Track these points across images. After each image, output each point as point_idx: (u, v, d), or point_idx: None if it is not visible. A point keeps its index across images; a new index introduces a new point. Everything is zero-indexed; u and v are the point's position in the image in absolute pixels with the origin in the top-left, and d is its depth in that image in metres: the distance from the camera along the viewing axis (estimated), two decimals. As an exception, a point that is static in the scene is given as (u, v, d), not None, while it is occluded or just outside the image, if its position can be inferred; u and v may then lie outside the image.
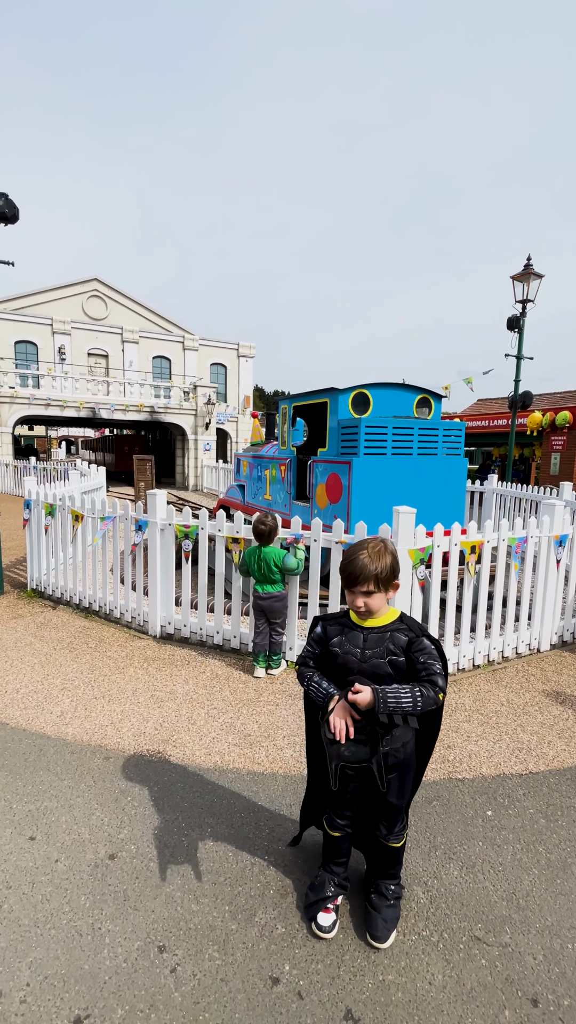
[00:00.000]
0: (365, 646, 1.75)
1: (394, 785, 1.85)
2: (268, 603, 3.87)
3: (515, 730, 3.26)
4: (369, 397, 6.04)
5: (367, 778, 1.84)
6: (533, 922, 1.97)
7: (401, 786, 1.86)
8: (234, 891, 2.04)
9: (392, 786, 1.84)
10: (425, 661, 1.67)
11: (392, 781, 1.84)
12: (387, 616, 1.77)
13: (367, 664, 1.74)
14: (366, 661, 1.74)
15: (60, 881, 2.07)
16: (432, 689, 1.64)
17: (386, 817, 1.89)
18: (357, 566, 1.69)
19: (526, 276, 9.69)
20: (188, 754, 2.91)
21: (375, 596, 1.71)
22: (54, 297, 28.76)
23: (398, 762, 1.81)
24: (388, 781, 1.84)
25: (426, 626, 3.59)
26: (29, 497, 5.90)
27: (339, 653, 1.78)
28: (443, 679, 1.66)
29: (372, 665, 1.73)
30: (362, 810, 1.97)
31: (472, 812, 2.52)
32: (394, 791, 1.85)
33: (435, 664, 1.67)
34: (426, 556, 3.67)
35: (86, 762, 2.82)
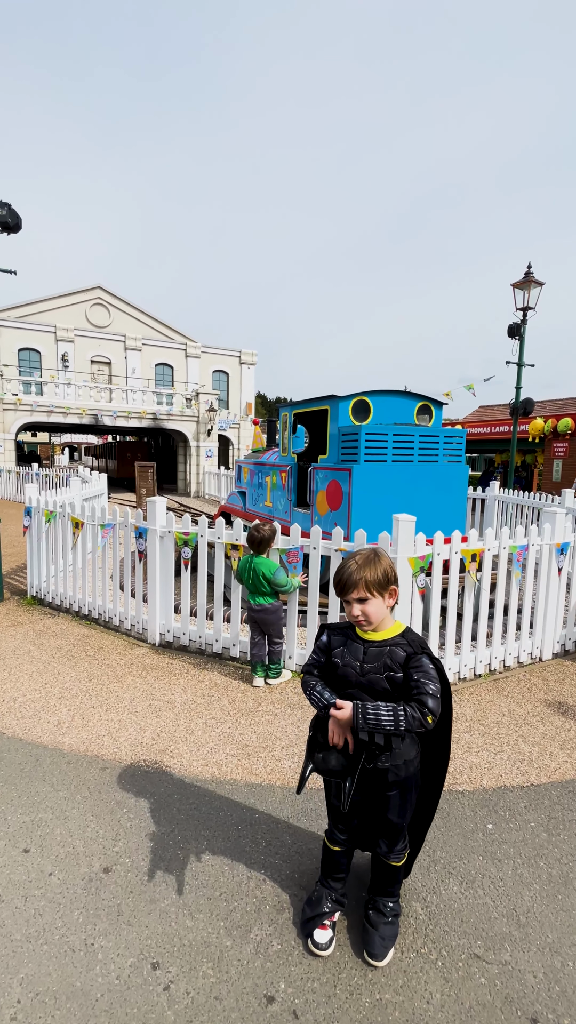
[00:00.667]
0: (364, 660, 1.73)
1: (395, 803, 1.81)
2: (259, 615, 3.82)
3: (516, 741, 3.22)
4: (369, 404, 6.05)
5: (367, 792, 1.82)
6: (534, 939, 1.93)
7: (402, 804, 1.83)
8: (230, 906, 2.01)
9: (392, 804, 1.81)
10: (418, 680, 1.63)
11: (393, 799, 1.81)
12: (390, 630, 1.75)
13: (365, 678, 1.71)
14: (364, 675, 1.72)
15: (53, 895, 2.04)
16: (419, 710, 1.56)
17: (386, 835, 1.86)
18: (345, 573, 1.69)
19: (527, 284, 9.72)
20: (185, 765, 2.89)
21: (371, 603, 1.68)
22: (57, 305, 28.98)
23: (399, 779, 1.78)
24: (388, 798, 1.81)
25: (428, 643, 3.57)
26: (29, 504, 5.91)
27: (339, 664, 1.76)
28: (434, 700, 1.58)
29: (370, 680, 1.71)
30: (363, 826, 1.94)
31: (472, 826, 2.49)
32: (395, 809, 1.82)
33: (428, 684, 1.60)
34: (426, 564, 3.64)
35: (82, 773, 2.79)
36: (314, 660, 1.85)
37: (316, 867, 2.13)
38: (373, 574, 1.66)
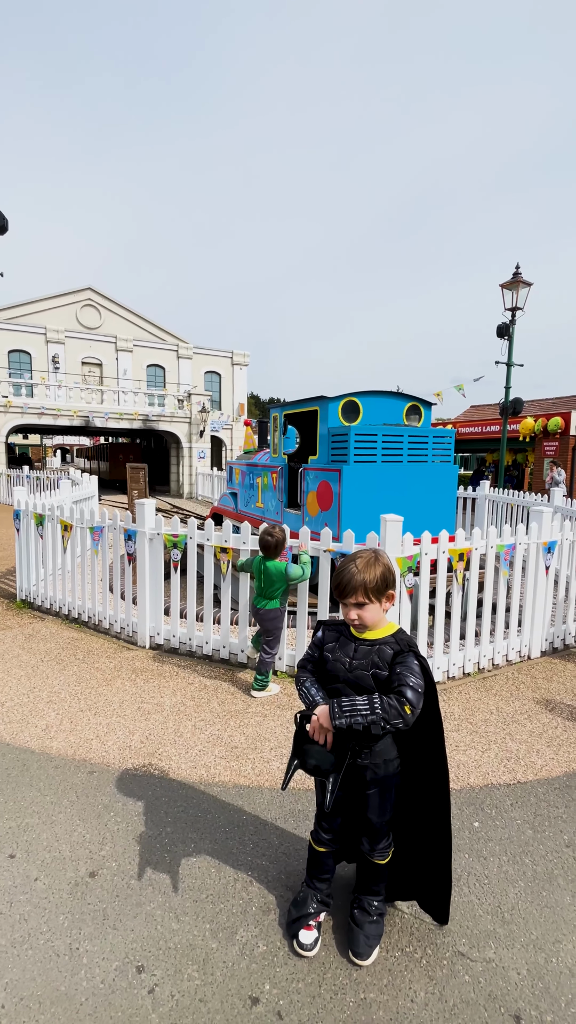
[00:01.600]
0: (354, 656, 1.74)
1: (374, 802, 1.83)
2: (264, 617, 3.73)
3: (504, 739, 3.25)
4: (359, 405, 6.07)
5: (348, 792, 1.83)
6: (518, 936, 1.95)
7: (381, 803, 1.84)
8: (216, 908, 2.01)
9: (372, 803, 1.83)
10: (400, 672, 1.65)
11: (372, 798, 1.82)
12: (383, 631, 1.76)
13: (352, 674, 1.72)
14: (351, 671, 1.73)
15: (39, 900, 2.04)
16: (397, 699, 1.58)
17: (368, 834, 1.87)
18: (345, 576, 1.68)
19: (515, 284, 9.79)
20: (174, 767, 2.88)
21: (368, 608, 1.69)
22: (48, 306, 28.81)
23: (377, 778, 1.79)
24: (367, 797, 1.82)
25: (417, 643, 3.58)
26: (18, 507, 5.87)
27: (329, 659, 1.77)
28: (414, 693, 1.59)
29: (356, 676, 1.72)
30: (348, 824, 1.95)
31: (459, 824, 2.50)
32: (375, 808, 1.83)
33: (409, 677, 1.62)
34: (414, 564, 3.66)
35: (70, 777, 2.78)
36: (309, 655, 1.87)
37: (303, 868, 2.13)
38: (373, 580, 1.67)
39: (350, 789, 1.82)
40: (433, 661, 3.94)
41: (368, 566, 1.68)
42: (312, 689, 1.76)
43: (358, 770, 1.77)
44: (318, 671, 1.84)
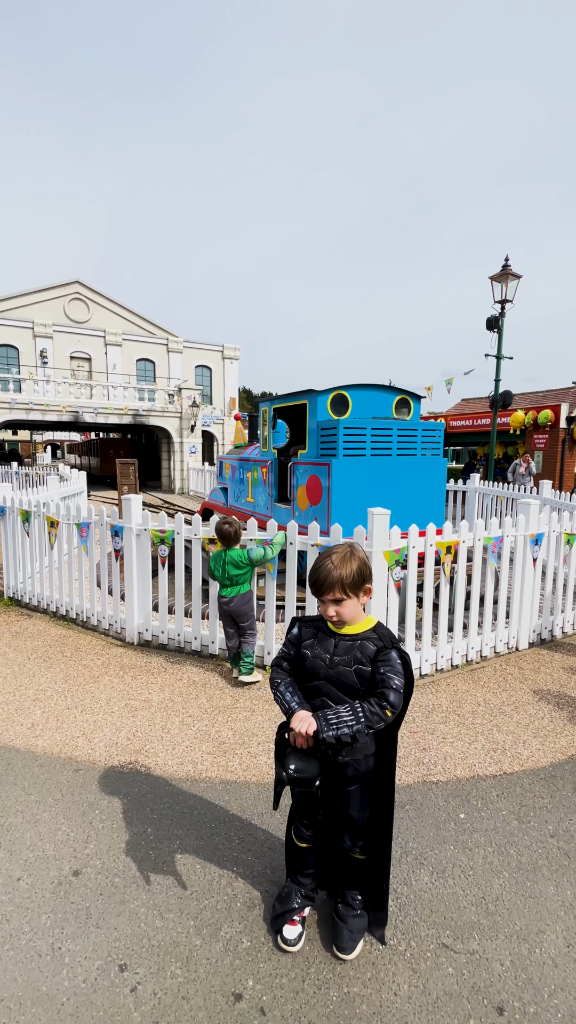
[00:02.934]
0: (334, 653, 1.72)
1: (355, 798, 1.82)
2: (234, 607, 3.82)
3: (491, 730, 3.26)
4: (348, 398, 6.04)
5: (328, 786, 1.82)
6: (502, 927, 1.95)
7: (362, 799, 1.84)
8: (200, 905, 2.00)
9: (353, 799, 1.82)
10: (384, 673, 1.64)
11: (353, 794, 1.81)
12: (362, 625, 1.75)
13: (333, 671, 1.71)
14: (333, 668, 1.71)
15: (21, 900, 2.02)
16: (378, 705, 1.58)
17: (349, 830, 1.87)
18: (322, 573, 1.66)
19: (504, 276, 9.77)
20: (160, 764, 2.87)
21: (346, 604, 1.67)
22: (35, 300, 28.44)
23: (358, 774, 1.79)
24: (348, 794, 1.82)
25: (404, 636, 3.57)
26: (4, 504, 5.80)
27: (308, 656, 1.75)
28: (396, 695, 1.60)
29: (338, 673, 1.70)
30: (328, 820, 1.95)
31: (445, 816, 2.51)
32: (355, 804, 1.83)
33: (393, 679, 1.61)
34: (402, 557, 3.66)
35: (55, 775, 2.76)
36: (284, 653, 1.84)
37: (288, 863, 2.12)
38: (350, 575, 1.64)
39: (330, 785, 1.82)
40: (421, 654, 3.94)
41: (344, 561, 1.66)
42: (287, 694, 1.73)
43: (338, 767, 1.76)
44: (295, 669, 1.81)
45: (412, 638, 3.86)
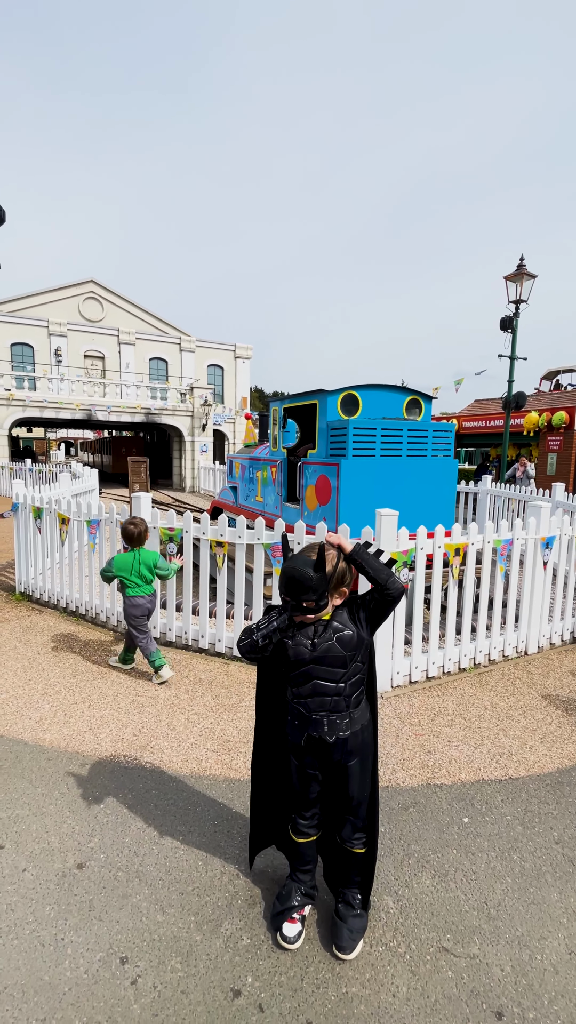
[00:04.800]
0: (315, 636, 1.73)
1: (355, 772, 1.82)
2: (154, 604, 4.00)
3: (497, 735, 3.24)
4: (358, 398, 6.03)
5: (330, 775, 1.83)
6: (503, 932, 1.94)
7: (362, 774, 1.84)
8: (202, 901, 2.02)
9: (352, 774, 1.82)
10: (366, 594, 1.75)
11: (352, 768, 1.82)
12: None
13: (318, 651, 1.71)
14: (317, 648, 1.72)
15: (26, 891, 2.05)
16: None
17: (350, 812, 1.86)
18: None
19: (519, 276, 9.67)
20: (165, 760, 2.89)
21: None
22: (50, 299, 28.74)
23: (358, 745, 1.80)
24: (348, 769, 1.82)
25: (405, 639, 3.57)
26: (16, 500, 5.88)
27: (290, 645, 1.75)
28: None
29: (323, 651, 1.71)
30: (326, 812, 1.95)
31: (448, 819, 2.50)
32: (355, 778, 1.83)
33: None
34: (409, 559, 3.64)
35: (61, 769, 2.79)
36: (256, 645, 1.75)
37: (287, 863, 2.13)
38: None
39: (326, 770, 1.83)
40: (428, 656, 3.92)
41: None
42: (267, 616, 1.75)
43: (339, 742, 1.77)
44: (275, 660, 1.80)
45: (419, 640, 3.84)
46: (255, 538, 4.05)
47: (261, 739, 2.03)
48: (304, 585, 1.61)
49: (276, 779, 2.03)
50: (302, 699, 1.77)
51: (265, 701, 2.01)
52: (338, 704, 1.75)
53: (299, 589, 1.62)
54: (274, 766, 2.02)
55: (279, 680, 1.90)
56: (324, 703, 1.74)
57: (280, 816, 2.06)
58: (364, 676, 1.81)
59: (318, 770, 1.83)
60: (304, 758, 1.83)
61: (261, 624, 1.73)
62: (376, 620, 1.75)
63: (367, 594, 1.74)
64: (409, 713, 3.45)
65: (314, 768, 1.83)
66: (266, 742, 2.02)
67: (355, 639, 1.72)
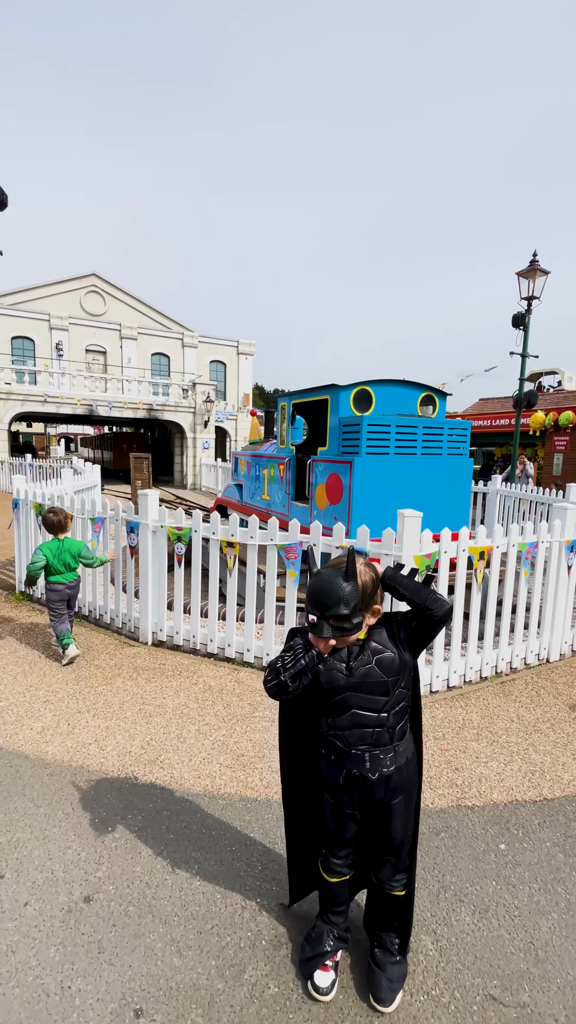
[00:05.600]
0: (350, 659, 1.53)
1: (398, 810, 1.63)
2: (73, 590, 4.19)
3: (527, 750, 3.05)
4: (371, 394, 5.83)
5: (371, 814, 1.64)
6: (554, 977, 1.76)
7: (406, 812, 1.66)
8: (222, 942, 1.83)
9: (396, 812, 1.63)
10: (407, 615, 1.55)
11: (396, 807, 1.63)
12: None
13: (355, 676, 1.52)
14: (353, 673, 1.52)
15: (28, 929, 1.86)
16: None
17: (391, 853, 1.68)
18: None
19: (532, 272, 9.46)
20: (176, 777, 2.70)
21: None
22: (51, 292, 28.48)
23: (404, 780, 1.61)
24: (391, 808, 1.63)
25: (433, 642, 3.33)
26: (17, 496, 5.68)
27: (322, 671, 1.55)
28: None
29: (361, 676, 1.52)
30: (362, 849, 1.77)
31: (484, 846, 2.32)
32: (399, 818, 1.64)
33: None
34: (432, 563, 3.45)
35: (66, 786, 2.61)
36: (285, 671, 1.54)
37: (315, 896, 1.95)
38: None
39: (366, 809, 1.64)
40: (450, 664, 3.74)
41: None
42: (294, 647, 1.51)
43: (382, 780, 1.58)
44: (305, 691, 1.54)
45: (441, 647, 3.66)
46: (268, 539, 3.86)
47: (290, 773, 1.84)
48: (335, 598, 1.40)
49: (309, 814, 1.84)
50: (339, 731, 1.58)
51: (292, 729, 1.81)
52: (381, 737, 1.55)
53: (329, 603, 1.40)
54: (306, 800, 1.83)
55: (309, 707, 1.70)
56: (365, 736, 1.55)
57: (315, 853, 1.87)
58: (408, 704, 1.61)
59: (357, 809, 1.64)
60: (341, 796, 1.64)
61: (287, 661, 1.49)
62: (420, 642, 1.55)
63: (408, 612, 1.54)
64: (433, 726, 3.27)
65: (352, 807, 1.64)
66: (296, 775, 1.83)
67: (397, 662, 1.52)
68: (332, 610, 1.40)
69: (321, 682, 1.55)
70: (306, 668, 1.48)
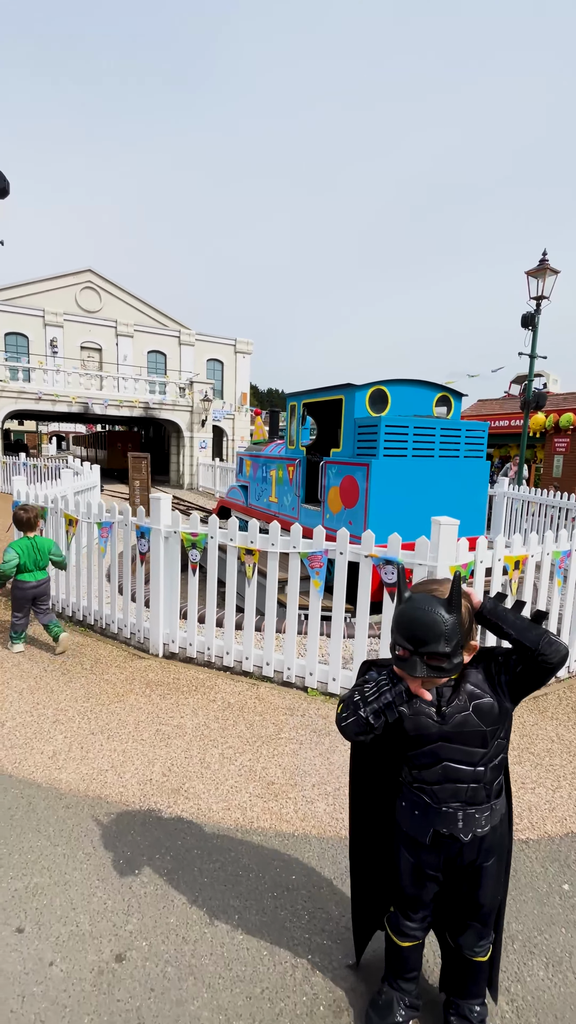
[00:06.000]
0: (442, 701, 1.34)
1: (489, 875, 1.45)
2: (43, 588, 4.22)
3: (573, 775, 2.88)
4: (387, 394, 5.65)
5: (457, 877, 1.45)
6: None
7: (497, 875, 1.47)
8: (275, 1009, 1.63)
9: (487, 876, 1.45)
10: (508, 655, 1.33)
11: (487, 871, 1.44)
12: None
13: (448, 725, 1.33)
14: (447, 720, 1.33)
15: (56, 994, 1.65)
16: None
17: (476, 919, 1.49)
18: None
19: (541, 271, 9.33)
20: (203, 808, 2.49)
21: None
22: (46, 288, 28.03)
23: (498, 840, 1.43)
24: (482, 871, 1.44)
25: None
26: (18, 498, 5.43)
27: (407, 715, 1.36)
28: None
29: (456, 724, 1.32)
30: (440, 911, 1.57)
31: (546, 887, 2.13)
32: (489, 882, 1.45)
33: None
34: (468, 574, 3.27)
35: (84, 820, 2.39)
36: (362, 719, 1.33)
37: (374, 949, 1.75)
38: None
39: (452, 872, 1.45)
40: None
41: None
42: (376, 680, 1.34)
43: (475, 841, 1.38)
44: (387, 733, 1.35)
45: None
46: (290, 546, 3.66)
47: (360, 819, 1.64)
48: (435, 632, 1.19)
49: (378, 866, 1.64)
50: (427, 785, 1.38)
51: (364, 772, 1.62)
52: (476, 794, 1.36)
53: (426, 637, 1.19)
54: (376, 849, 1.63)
55: (386, 749, 1.51)
56: (458, 792, 1.36)
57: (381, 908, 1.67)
58: (506, 756, 1.42)
59: (441, 871, 1.45)
60: (424, 855, 1.44)
61: (368, 693, 1.30)
62: (524, 689, 1.32)
63: (510, 653, 1.34)
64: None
65: (436, 869, 1.44)
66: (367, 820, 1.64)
67: (497, 709, 1.32)
68: (430, 646, 1.20)
69: (406, 728, 1.35)
70: (392, 705, 1.29)
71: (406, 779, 1.45)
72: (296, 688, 3.73)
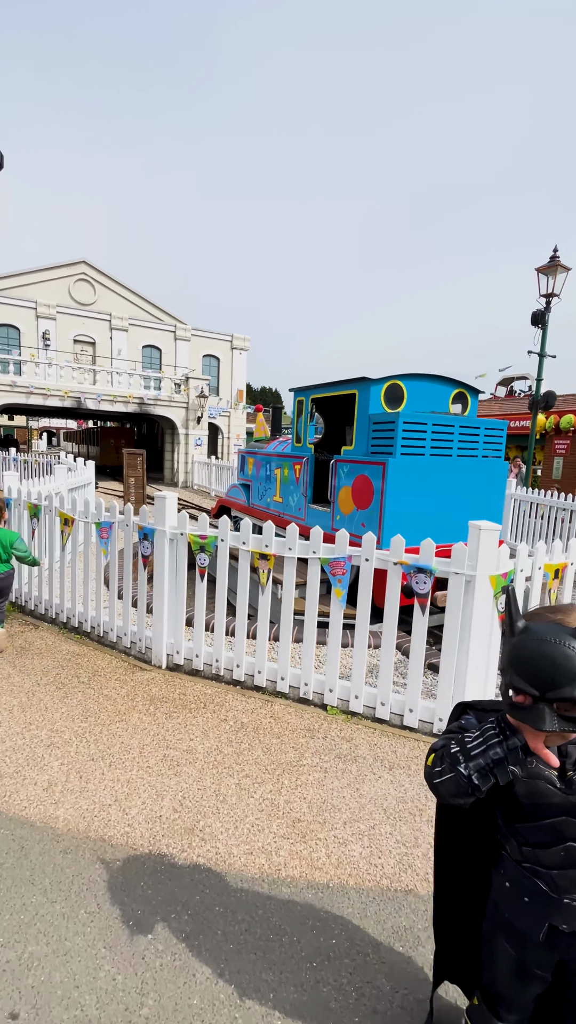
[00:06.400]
0: (568, 764, 1.04)
1: None
2: (7, 583, 4.10)
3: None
4: (403, 389, 5.36)
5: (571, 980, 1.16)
6: None
7: None
8: None
9: None
10: None
11: None
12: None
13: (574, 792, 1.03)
14: (573, 788, 1.03)
15: None
16: None
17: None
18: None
19: (552, 268, 9.10)
20: (222, 853, 2.19)
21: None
22: (39, 279, 27.44)
23: None
24: None
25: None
26: (9, 496, 5.08)
27: (520, 778, 1.06)
28: None
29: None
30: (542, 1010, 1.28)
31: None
32: None
33: None
34: (508, 583, 2.99)
35: (85, 869, 2.07)
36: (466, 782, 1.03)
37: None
38: None
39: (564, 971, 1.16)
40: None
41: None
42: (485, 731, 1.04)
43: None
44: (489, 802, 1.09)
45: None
46: (310, 551, 3.36)
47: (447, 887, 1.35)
48: (570, 672, 0.91)
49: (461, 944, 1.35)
50: (542, 868, 1.09)
51: (454, 840, 1.32)
52: None
53: (559, 679, 0.90)
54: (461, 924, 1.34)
55: (484, 814, 1.21)
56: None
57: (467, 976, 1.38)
58: None
59: (550, 972, 1.15)
60: (532, 953, 1.15)
61: (471, 745, 1.01)
62: None
63: None
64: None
65: (545, 969, 1.15)
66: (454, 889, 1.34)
67: None
68: (562, 690, 0.90)
69: (518, 794, 1.06)
70: (503, 762, 0.99)
71: (513, 855, 1.15)
72: (314, 705, 3.43)
